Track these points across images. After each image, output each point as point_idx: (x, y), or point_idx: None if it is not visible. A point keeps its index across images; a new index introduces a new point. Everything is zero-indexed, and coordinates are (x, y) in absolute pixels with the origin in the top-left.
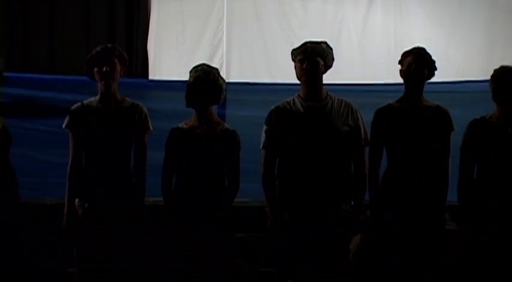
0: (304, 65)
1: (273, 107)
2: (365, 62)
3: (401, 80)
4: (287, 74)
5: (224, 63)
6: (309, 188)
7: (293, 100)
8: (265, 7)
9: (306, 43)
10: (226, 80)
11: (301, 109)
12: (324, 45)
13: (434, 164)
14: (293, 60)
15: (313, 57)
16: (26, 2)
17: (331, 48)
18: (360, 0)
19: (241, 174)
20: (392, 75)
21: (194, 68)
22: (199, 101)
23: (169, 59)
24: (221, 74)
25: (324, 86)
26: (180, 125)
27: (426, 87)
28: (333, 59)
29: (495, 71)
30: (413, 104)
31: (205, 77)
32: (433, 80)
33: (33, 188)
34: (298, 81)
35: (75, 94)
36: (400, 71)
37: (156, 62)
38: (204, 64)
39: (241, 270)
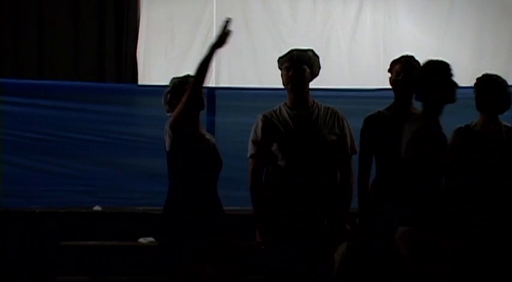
0: (290, 73)
1: (259, 115)
2: (354, 71)
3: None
4: (276, 81)
5: (213, 71)
6: (296, 196)
7: (279, 108)
8: (254, 15)
9: (292, 51)
10: (216, 87)
11: (288, 117)
12: (310, 53)
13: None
14: (279, 68)
15: (299, 65)
16: (15, 7)
17: (318, 56)
18: (349, 8)
19: (231, 182)
20: (382, 83)
21: None
22: None
23: (158, 66)
24: (210, 80)
25: (312, 92)
26: None
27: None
28: (319, 67)
29: (478, 79)
30: (403, 112)
31: None
32: None
33: (22, 196)
34: None
35: (64, 101)
36: (390, 79)
37: (146, 69)
38: None
39: (211, 278)
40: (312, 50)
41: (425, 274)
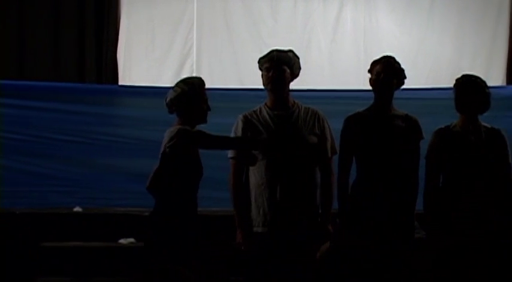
0: (270, 74)
1: (239, 115)
2: (335, 71)
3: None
4: (257, 82)
5: (194, 72)
6: (277, 196)
7: (260, 109)
8: (235, 16)
9: (272, 51)
10: None
11: (268, 118)
12: (290, 54)
13: (404, 173)
14: (260, 68)
15: (279, 65)
16: None
17: (298, 57)
18: (330, 9)
19: (212, 182)
20: (362, 83)
21: None
22: None
23: (139, 68)
24: None
25: (293, 92)
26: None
27: (395, 94)
28: (300, 68)
29: (457, 80)
30: (383, 112)
31: None
32: (402, 87)
33: (2, 197)
34: None
35: (44, 102)
36: (370, 79)
37: (126, 70)
38: None
39: (186, 277)
40: (292, 51)
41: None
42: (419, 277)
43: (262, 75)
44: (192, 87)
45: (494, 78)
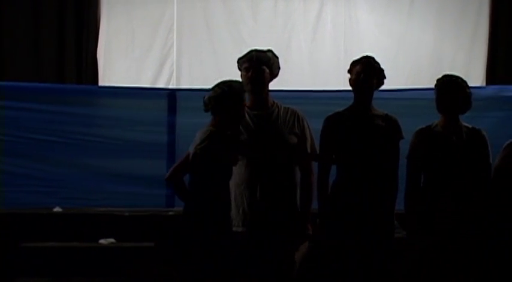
0: (249, 74)
1: None
2: (315, 71)
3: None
4: None
5: (174, 72)
6: (257, 195)
7: None
8: (215, 16)
9: (251, 51)
10: (177, 88)
11: (248, 118)
12: (269, 54)
13: (384, 172)
14: (239, 68)
15: (258, 65)
16: None
17: (277, 57)
18: (310, 9)
19: None
20: (342, 83)
21: None
22: None
23: (119, 67)
24: (171, 81)
25: (273, 93)
26: None
27: (375, 94)
28: (279, 68)
29: (438, 80)
30: (363, 112)
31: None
32: (382, 87)
33: None
34: None
35: (24, 102)
36: (349, 79)
37: (106, 70)
38: None
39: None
40: (271, 51)
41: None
42: (399, 277)
43: (241, 76)
44: (231, 89)
45: (474, 79)
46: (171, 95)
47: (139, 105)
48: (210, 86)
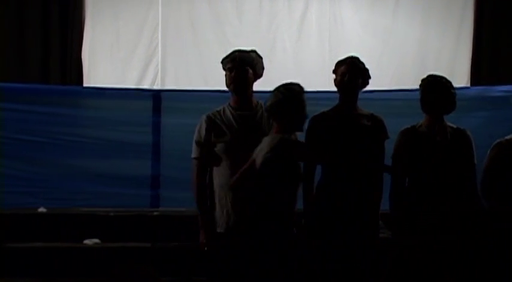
0: (233, 74)
1: (203, 116)
2: (300, 71)
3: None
4: (222, 82)
5: (159, 72)
6: (241, 195)
7: (223, 109)
8: (200, 16)
9: (234, 52)
10: (162, 88)
11: (231, 118)
12: (253, 54)
13: (369, 172)
14: (223, 68)
15: (241, 66)
16: None
17: (261, 57)
18: (295, 9)
19: (176, 183)
20: (328, 84)
21: None
22: None
23: (104, 68)
24: (156, 81)
25: (257, 94)
26: None
27: (360, 95)
28: (263, 68)
29: (422, 80)
30: (348, 112)
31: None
32: (367, 88)
33: None
34: None
35: (8, 103)
36: (334, 80)
37: (91, 70)
38: None
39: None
40: (255, 51)
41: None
42: (384, 277)
43: (225, 76)
44: (292, 93)
45: (458, 79)
46: (156, 95)
47: (124, 106)
48: (194, 86)
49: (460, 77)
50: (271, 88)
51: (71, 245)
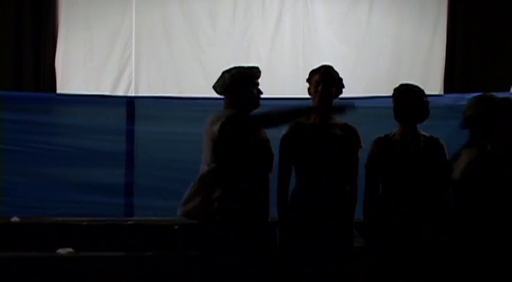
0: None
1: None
2: (274, 80)
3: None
4: (195, 90)
5: (133, 80)
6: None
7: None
8: (174, 24)
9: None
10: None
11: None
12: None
13: (342, 182)
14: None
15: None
16: None
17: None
18: (269, 18)
19: (151, 191)
20: (301, 92)
21: None
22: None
23: (78, 76)
24: (130, 90)
25: None
26: None
27: (334, 102)
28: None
29: (395, 89)
30: (322, 121)
31: None
32: (340, 96)
33: None
34: (211, 96)
35: None
36: (308, 89)
37: (65, 78)
38: None
39: None
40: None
41: None
42: None
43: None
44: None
45: (431, 87)
46: (130, 102)
47: (98, 113)
48: (168, 94)
49: (433, 85)
50: None
51: (44, 254)
